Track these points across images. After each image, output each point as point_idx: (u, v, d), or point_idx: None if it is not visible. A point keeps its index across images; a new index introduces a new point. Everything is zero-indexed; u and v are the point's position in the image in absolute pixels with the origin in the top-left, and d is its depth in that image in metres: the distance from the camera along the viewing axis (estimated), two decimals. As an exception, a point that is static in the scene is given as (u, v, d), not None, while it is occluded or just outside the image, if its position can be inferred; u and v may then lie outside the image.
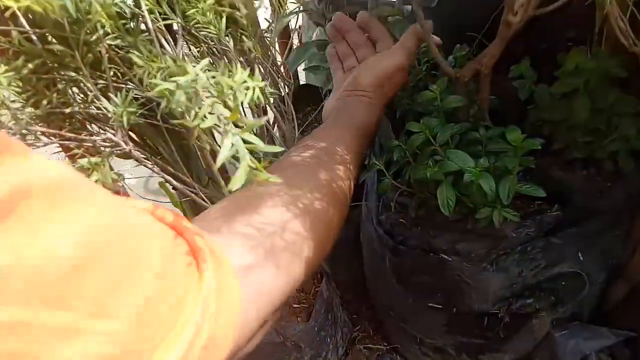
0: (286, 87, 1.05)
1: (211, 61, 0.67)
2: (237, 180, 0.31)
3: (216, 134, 0.42)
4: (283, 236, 0.45)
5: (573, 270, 0.84)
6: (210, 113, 0.33)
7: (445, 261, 0.80)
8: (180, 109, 0.35)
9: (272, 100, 0.90)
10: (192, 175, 0.83)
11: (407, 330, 1.02)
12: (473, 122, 0.85)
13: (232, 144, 0.31)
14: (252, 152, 0.33)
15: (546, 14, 0.66)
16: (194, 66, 0.35)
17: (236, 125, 0.33)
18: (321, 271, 1.04)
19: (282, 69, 1.12)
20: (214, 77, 0.34)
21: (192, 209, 0.97)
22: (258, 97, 0.36)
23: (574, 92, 0.80)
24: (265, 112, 0.93)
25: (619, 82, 0.83)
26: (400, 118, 0.95)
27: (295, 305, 0.98)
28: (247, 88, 0.34)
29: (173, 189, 0.92)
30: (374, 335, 1.16)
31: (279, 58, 1.12)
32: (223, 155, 0.31)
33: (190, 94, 0.35)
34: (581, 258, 0.84)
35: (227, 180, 0.57)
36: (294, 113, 0.85)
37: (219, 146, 0.34)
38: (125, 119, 0.50)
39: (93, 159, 0.50)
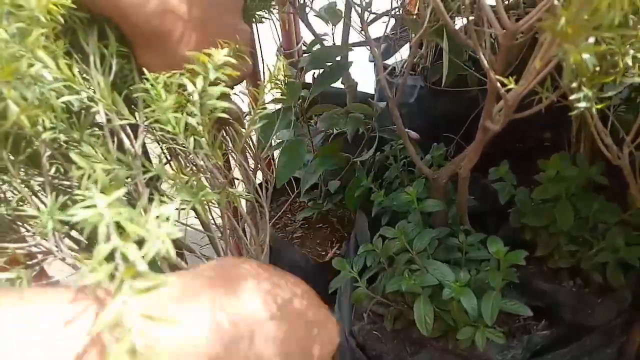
0: (267, 183, 0.99)
1: (171, 163, 0.62)
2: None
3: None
4: None
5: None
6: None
7: (424, 384, 0.70)
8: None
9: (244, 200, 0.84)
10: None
11: None
12: (452, 226, 0.80)
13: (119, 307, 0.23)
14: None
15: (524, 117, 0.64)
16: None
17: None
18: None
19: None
20: (121, 214, 0.27)
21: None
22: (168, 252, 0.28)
23: (556, 197, 0.77)
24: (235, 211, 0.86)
25: (599, 189, 0.81)
26: (377, 216, 0.89)
27: None
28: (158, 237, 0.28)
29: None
30: None
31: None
32: (99, 326, 0.23)
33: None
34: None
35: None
36: (267, 209, 0.78)
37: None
38: (50, 227, 0.43)
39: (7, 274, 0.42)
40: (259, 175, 0.93)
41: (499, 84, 0.50)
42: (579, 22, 0.32)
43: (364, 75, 1.33)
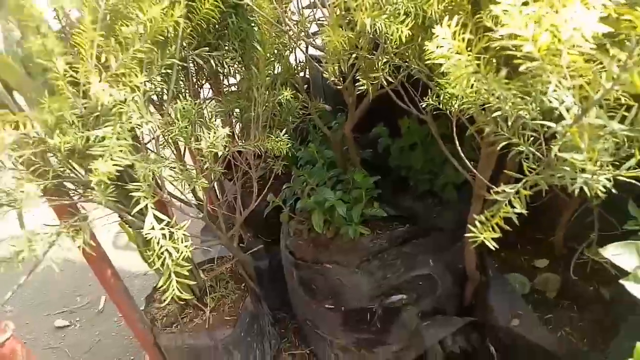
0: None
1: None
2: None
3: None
4: None
5: (426, 273, 1.15)
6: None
7: (328, 269, 1.09)
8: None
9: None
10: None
11: (320, 334, 1.29)
12: (348, 169, 1.19)
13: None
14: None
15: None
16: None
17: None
18: (250, 289, 1.31)
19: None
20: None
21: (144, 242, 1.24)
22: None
23: (412, 145, 1.15)
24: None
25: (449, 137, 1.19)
26: (301, 166, 1.28)
27: (227, 318, 1.24)
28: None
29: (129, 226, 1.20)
30: (299, 345, 1.42)
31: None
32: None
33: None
34: (432, 264, 1.15)
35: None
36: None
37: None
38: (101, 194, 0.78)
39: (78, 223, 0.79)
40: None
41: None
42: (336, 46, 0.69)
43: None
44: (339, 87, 0.85)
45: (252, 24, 0.86)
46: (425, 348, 1.16)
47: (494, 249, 1.25)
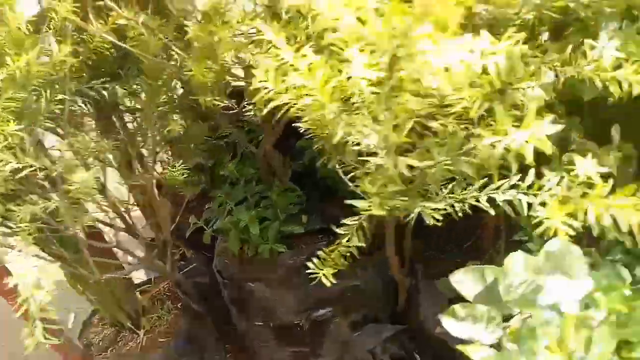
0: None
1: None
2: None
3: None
4: None
5: (354, 283, 1.16)
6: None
7: (253, 287, 1.10)
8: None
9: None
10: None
11: (257, 351, 1.30)
12: (273, 184, 1.19)
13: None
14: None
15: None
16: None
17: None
18: (188, 307, 1.30)
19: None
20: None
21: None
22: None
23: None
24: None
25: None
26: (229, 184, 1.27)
27: (161, 339, 1.24)
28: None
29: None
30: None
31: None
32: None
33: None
34: (359, 273, 1.16)
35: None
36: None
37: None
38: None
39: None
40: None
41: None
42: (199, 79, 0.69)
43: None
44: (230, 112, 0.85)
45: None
46: (356, 359, 1.18)
47: (422, 255, 1.26)
